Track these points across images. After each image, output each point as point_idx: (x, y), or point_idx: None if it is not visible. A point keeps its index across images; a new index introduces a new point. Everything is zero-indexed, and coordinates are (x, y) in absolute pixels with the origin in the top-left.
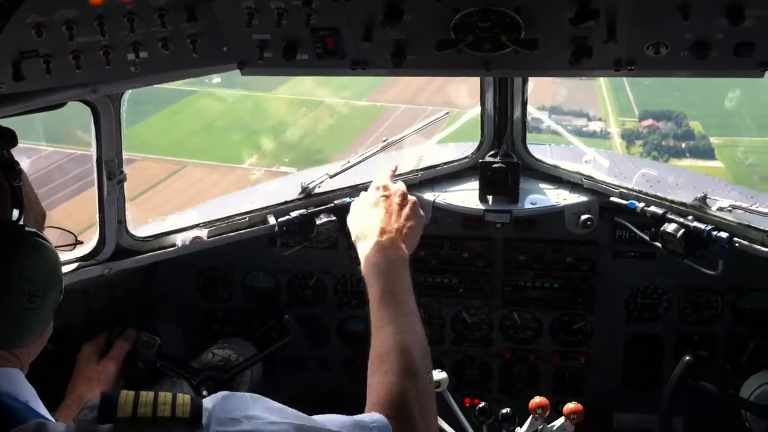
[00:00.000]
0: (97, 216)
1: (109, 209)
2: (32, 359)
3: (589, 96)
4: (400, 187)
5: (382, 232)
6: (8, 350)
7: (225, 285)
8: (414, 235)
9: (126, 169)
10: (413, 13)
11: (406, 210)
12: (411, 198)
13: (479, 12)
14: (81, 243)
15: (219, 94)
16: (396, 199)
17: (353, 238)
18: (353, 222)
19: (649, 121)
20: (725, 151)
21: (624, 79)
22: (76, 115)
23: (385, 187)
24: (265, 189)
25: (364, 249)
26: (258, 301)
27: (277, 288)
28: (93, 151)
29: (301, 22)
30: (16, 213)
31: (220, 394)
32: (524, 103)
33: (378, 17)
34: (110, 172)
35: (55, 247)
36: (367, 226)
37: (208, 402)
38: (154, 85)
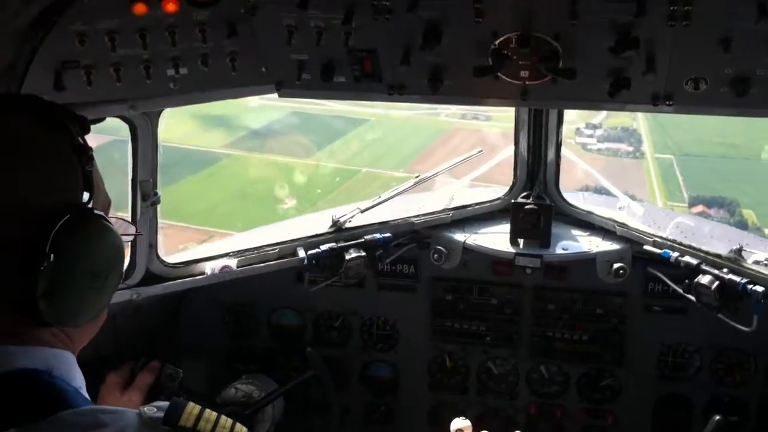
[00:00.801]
0: (125, 258)
1: (141, 230)
2: (83, 345)
3: (636, 177)
4: None
5: None
6: (65, 328)
7: (251, 322)
8: None
9: None
10: (452, 37)
11: None
12: None
13: (518, 37)
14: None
15: (253, 159)
16: None
17: None
18: None
19: (700, 208)
20: None
21: (674, 161)
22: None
23: None
24: (297, 222)
25: None
26: (283, 340)
27: (302, 327)
28: (128, 170)
29: (340, 41)
30: (86, 196)
31: None
32: (558, 145)
33: (417, 39)
34: (145, 193)
35: None
36: None
37: None
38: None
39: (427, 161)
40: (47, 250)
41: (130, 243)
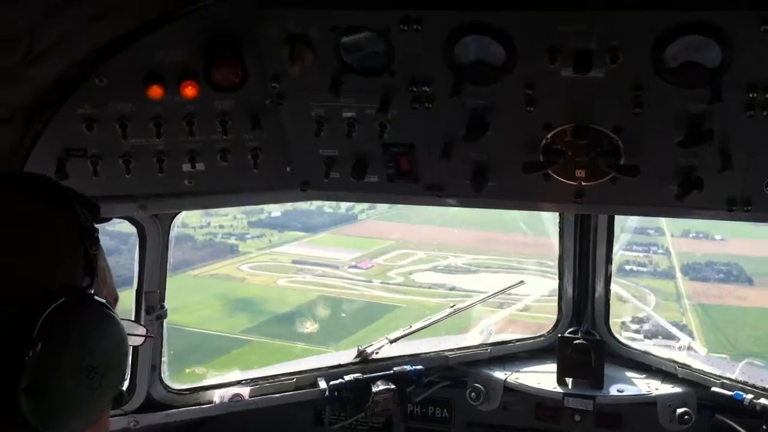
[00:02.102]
0: (129, 357)
1: (143, 350)
2: None
3: None
4: None
5: None
6: None
7: None
8: None
9: None
10: (499, 129)
11: None
12: None
13: (574, 129)
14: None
15: (276, 345)
16: None
17: None
18: None
19: None
20: None
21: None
22: None
23: None
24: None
25: None
26: None
27: None
28: (134, 278)
29: (374, 135)
30: (87, 281)
31: None
32: (608, 279)
33: (459, 132)
34: (150, 306)
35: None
36: None
37: None
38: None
39: None
40: (34, 335)
41: (131, 354)
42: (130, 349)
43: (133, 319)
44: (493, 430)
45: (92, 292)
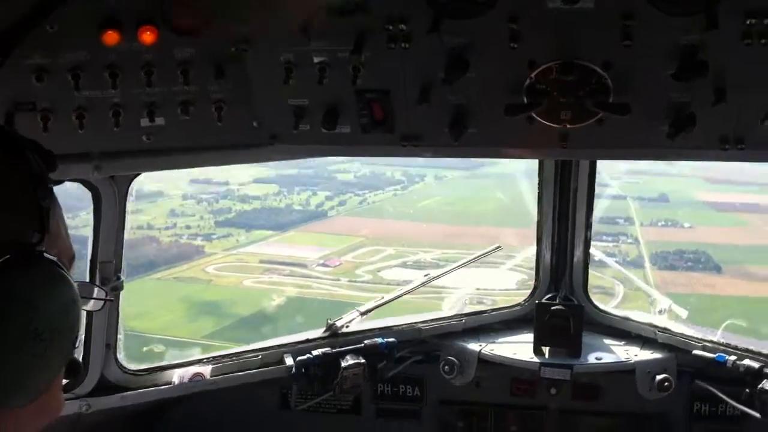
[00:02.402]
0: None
1: (97, 327)
2: None
3: None
4: None
5: None
6: None
7: None
8: None
9: None
10: (480, 69)
11: None
12: None
13: (560, 66)
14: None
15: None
16: None
17: None
18: None
19: None
20: None
21: None
22: None
23: None
24: None
25: None
26: None
27: None
28: (89, 247)
29: (347, 80)
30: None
31: None
32: (587, 243)
33: (438, 74)
34: (105, 277)
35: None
36: None
37: None
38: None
39: None
40: None
41: (81, 341)
42: (83, 314)
43: (88, 280)
44: (466, 407)
45: (43, 248)
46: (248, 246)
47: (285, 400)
